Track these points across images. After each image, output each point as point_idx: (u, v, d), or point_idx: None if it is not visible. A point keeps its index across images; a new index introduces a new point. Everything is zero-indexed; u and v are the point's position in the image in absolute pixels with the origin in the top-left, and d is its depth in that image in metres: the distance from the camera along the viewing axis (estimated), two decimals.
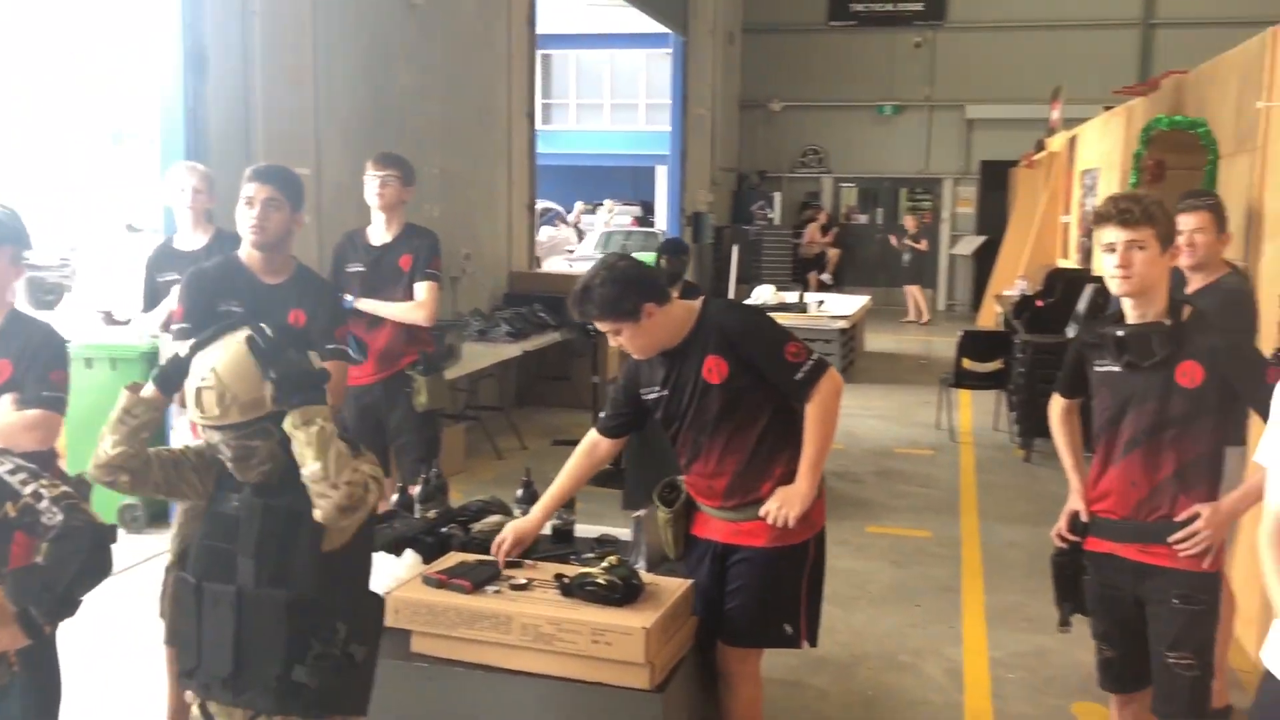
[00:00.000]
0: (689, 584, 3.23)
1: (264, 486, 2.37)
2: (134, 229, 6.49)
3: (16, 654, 2.45)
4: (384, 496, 4.09)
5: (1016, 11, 18.65)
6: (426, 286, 4.78)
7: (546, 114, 28.20)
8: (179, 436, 3.91)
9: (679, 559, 3.42)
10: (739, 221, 19.44)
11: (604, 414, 3.51)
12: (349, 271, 4.81)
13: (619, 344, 3.22)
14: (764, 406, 3.17)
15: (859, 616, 5.13)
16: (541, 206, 21.20)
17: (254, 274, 3.63)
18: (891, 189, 20.35)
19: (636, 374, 3.32)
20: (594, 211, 25.46)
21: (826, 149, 20.23)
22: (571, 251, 20.47)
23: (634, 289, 3.08)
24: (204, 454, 2.48)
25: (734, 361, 3.11)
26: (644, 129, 26.57)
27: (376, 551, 3.37)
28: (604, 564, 3.13)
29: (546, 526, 3.90)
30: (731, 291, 11.53)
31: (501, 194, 10.16)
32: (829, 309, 12.01)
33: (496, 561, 3.26)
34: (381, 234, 4.83)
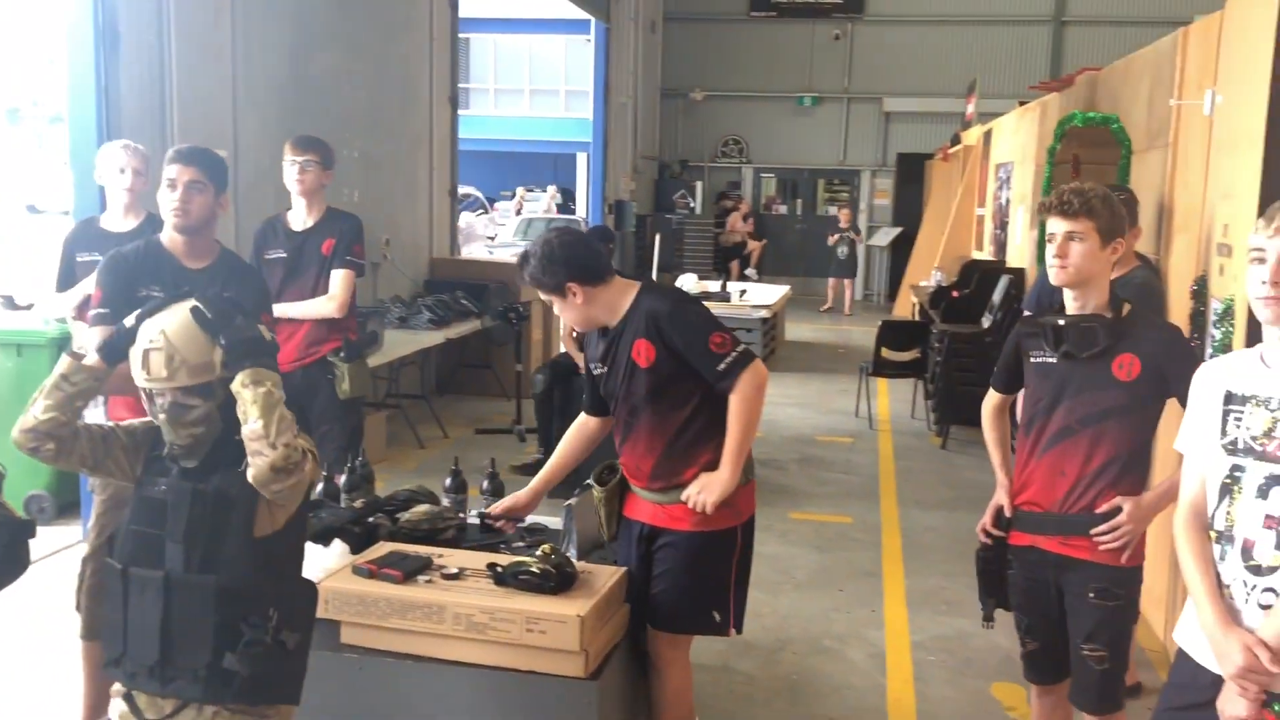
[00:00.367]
0: (622, 572, 3.24)
1: (193, 470, 2.30)
2: (35, 210, 6.26)
3: None
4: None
5: (933, 6, 18.97)
6: (341, 276, 4.70)
7: (465, 98, 27.88)
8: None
9: (612, 539, 3.44)
10: (661, 210, 19.49)
11: (584, 395, 3.55)
12: (270, 258, 4.70)
13: (559, 314, 3.31)
14: (692, 393, 3.18)
15: (784, 601, 5.20)
16: (462, 192, 21.05)
17: (176, 258, 3.53)
18: (810, 180, 20.57)
19: (588, 350, 3.39)
20: (513, 197, 25.34)
21: (747, 139, 20.37)
22: (493, 238, 20.32)
23: (561, 267, 3.13)
24: (135, 434, 2.41)
25: (661, 347, 3.13)
26: (564, 116, 26.48)
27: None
28: (538, 552, 3.13)
29: (473, 515, 3.92)
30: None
31: (423, 179, 10.03)
32: (751, 298, 12.12)
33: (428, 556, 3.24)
34: (302, 219, 4.74)
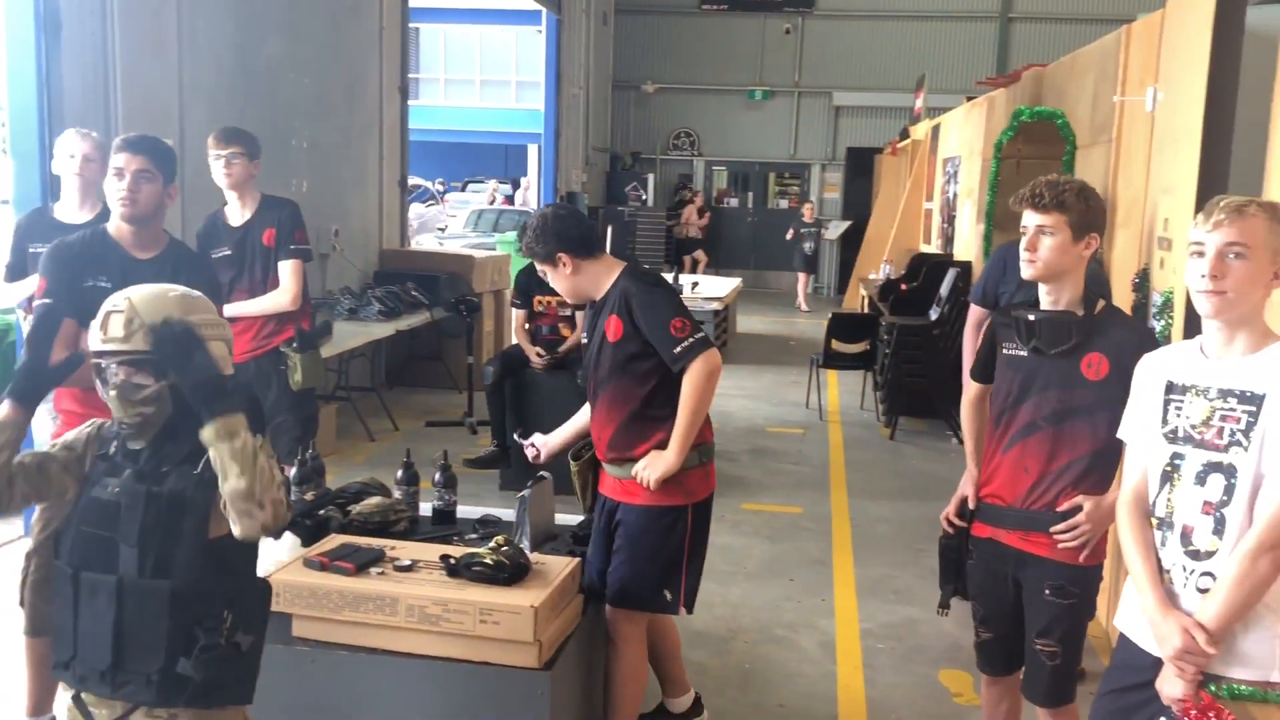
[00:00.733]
0: (576, 562, 3.26)
1: (146, 472, 2.25)
2: None
3: None
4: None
5: (882, 2, 19.12)
6: (290, 267, 4.67)
7: (414, 89, 27.69)
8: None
9: (589, 511, 3.62)
10: (613, 202, 19.46)
11: (580, 371, 3.75)
12: (217, 257, 4.63)
13: (550, 282, 3.50)
14: (652, 373, 3.32)
15: (735, 591, 5.24)
16: (412, 183, 20.90)
17: (123, 248, 3.48)
18: (761, 173, 20.67)
19: (586, 322, 3.59)
20: (463, 189, 25.21)
21: (698, 132, 20.41)
22: (442, 229, 20.21)
23: (553, 237, 3.34)
24: (73, 445, 2.34)
25: (628, 324, 3.29)
26: (515, 107, 26.39)
27: None
28: (490, 544, 3.13)
29: (426, 508, 3.92)
30: None
31: (373, 170, 9.94)
32: (702, 291, 12.17)
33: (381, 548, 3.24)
34: (239, 213, 4.69)
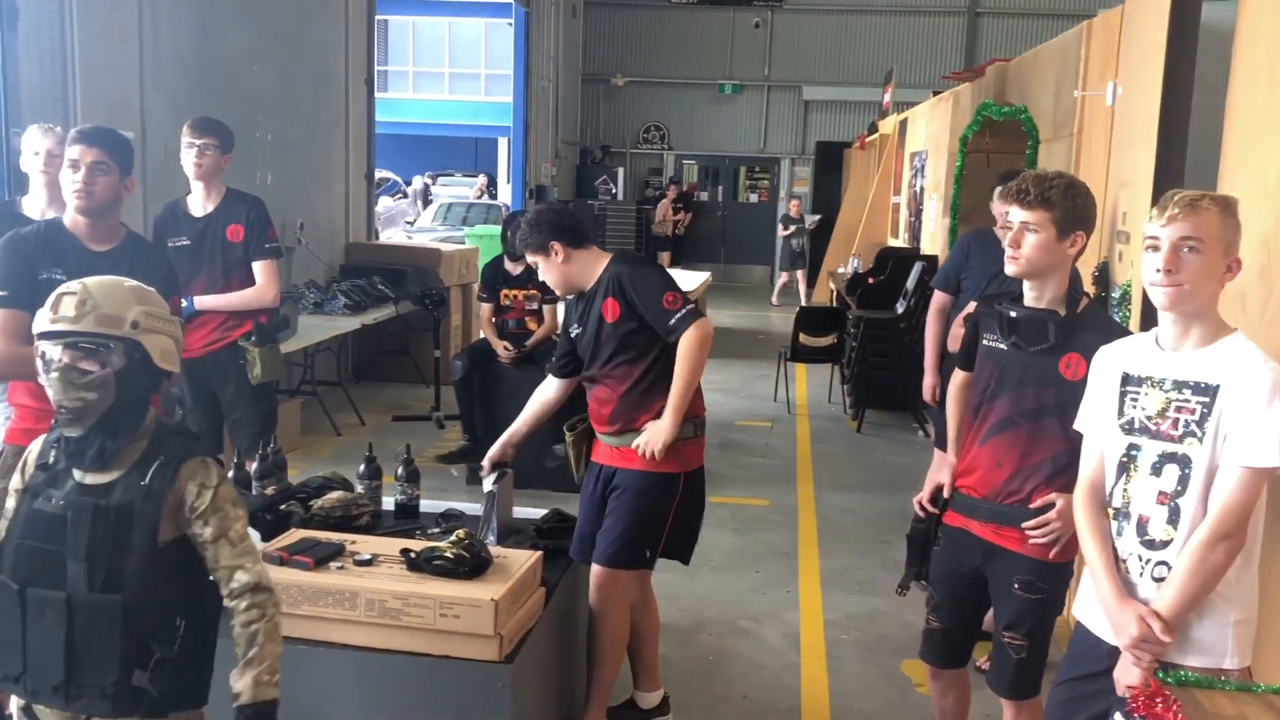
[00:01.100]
0: (537, 556, 3.25)
1: (93, 487, 2.17)
2: None
3: None
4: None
5: None
6: (265, 266, 4.65)
7: (383, 81, 27.51)
8: None
9: (581, 478, 3.82)
10: (583, 196, 19.43)
11: (554, 357, 3.91)
12: (174, 246, 4.56)
13: (542, 276, 3.70)
14: (650, 348, 3.55)
15: (701, 584, 5.25)
16: (380, 176, 20.78)
17: (79, 240, 3.44)
18: (731, 167, 20.71)
19: (568, 315, 3.78)
20: (433, 182, 25.08)
21: (668, 126, 20.42)
22: (411, 223, 20.12)
23: (547, 227, 3.57)
24: (4, 456, 2.29)
25: (624, 304, 3.50)
26: (485, 100, 26.27)
27: None
28: (451, 538, 3.12)
29: (389, 502, 3.91)
30: None
31: (339, 163, 9.88)
32: None
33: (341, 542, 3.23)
34: (202, 204, 4.63)
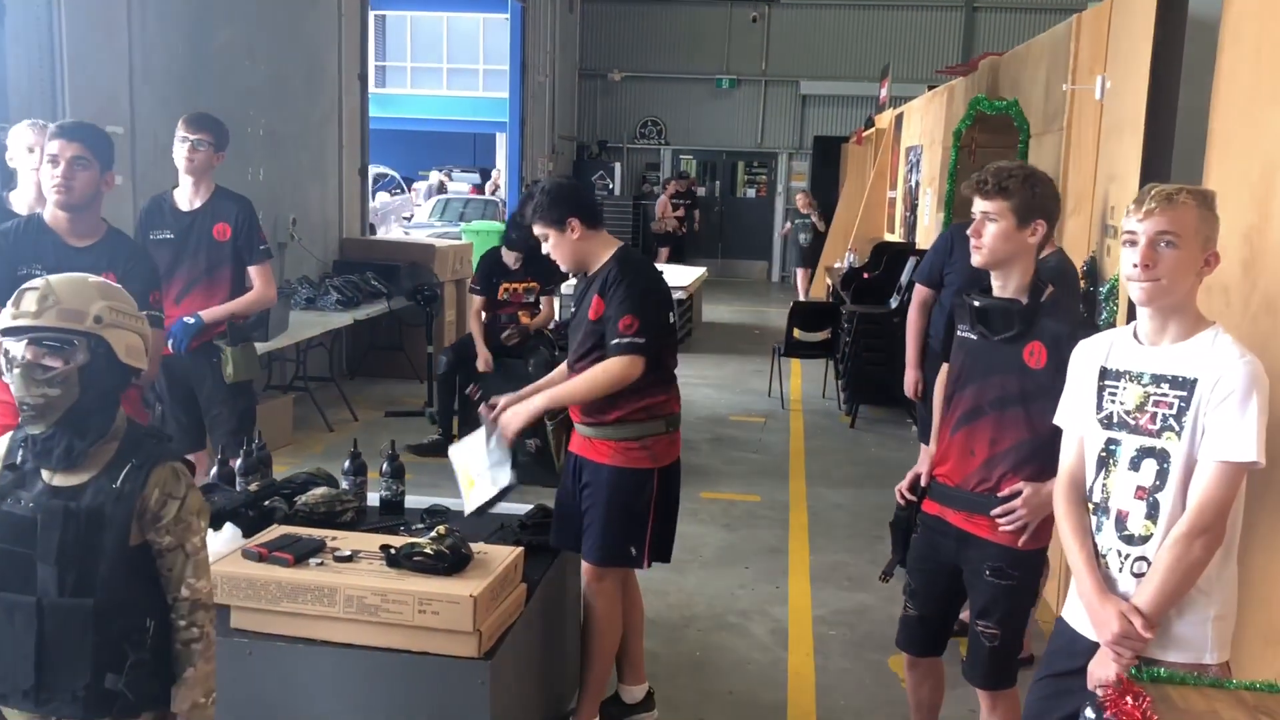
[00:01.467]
0: (518, 552, 3.25)
1: (63, 489, 2.15)
2: None
3: None
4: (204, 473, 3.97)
5: None
6: (262, 270, 4.67)
7: (381, 77, 27.48)
8: None
9: (560, 468, 3.83)
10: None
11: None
12: (156, 239, 4.55)
13: (548, 251, 3.65)
14: None
15: (690, 580, 5.24)
16: (378, 172, 20.76)
17: (59, 236, 3.43)
18: (729, 162, 20.67)
19: (574, 300, 3.78)
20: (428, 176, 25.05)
21: (665, 120, 20.39)
22: (408, 218, 20.10)
23: (568, 203, 3.56)
24: None
25: (604, 305, 3.52)
26: (483, 95, 26.23)
27: None
28: (431, 534, 3.11)
29: (374, 498, 3.91)
30: None
31: (332, 158, 9.85)
32: (668, 280, 12.13)
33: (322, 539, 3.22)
34: (189, 199, 4.61)
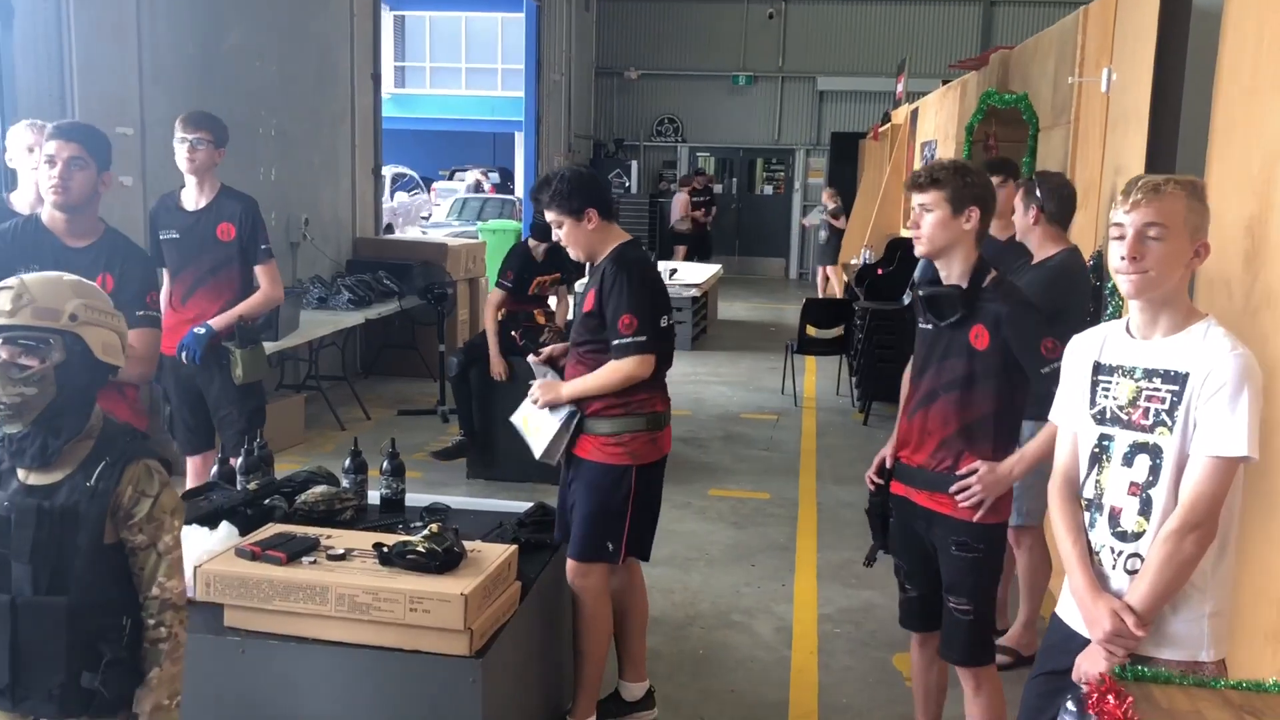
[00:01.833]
0: (512, 550, 3.24)
1: (37, 488, 2.15)
2: None
3: None
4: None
5: None
6: (267, 269, 4.69)
7: (401, 77, 27.59)
8: None
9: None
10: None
11: None
12: (164, 239, 4.61)
13: (558, 237, 3.67)
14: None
15: (695, 577, 5.23)
16: (396, 172, 20.83)
17: (57, 237, 3.45)
18: (746, 159, 20.61)
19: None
20: (450, 177, 25.11)
21: (682, 118, 20.35)
22: (426, 218, 20.16)
23: (589, 192, 3.58)
24: None
25: (598, 299, 3.54)
26: (502, 94, 26.28)
27: (188, 525, 3.29)
28: (424, 532, 3.11)
29: (375, 496, 3.90)
30: None
31: (344, 158, 9.88)
32: (681, 278, 12.14)
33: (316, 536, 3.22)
34: (194, 198, 4.64)
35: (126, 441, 2.23)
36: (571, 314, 3.89)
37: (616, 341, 3.50)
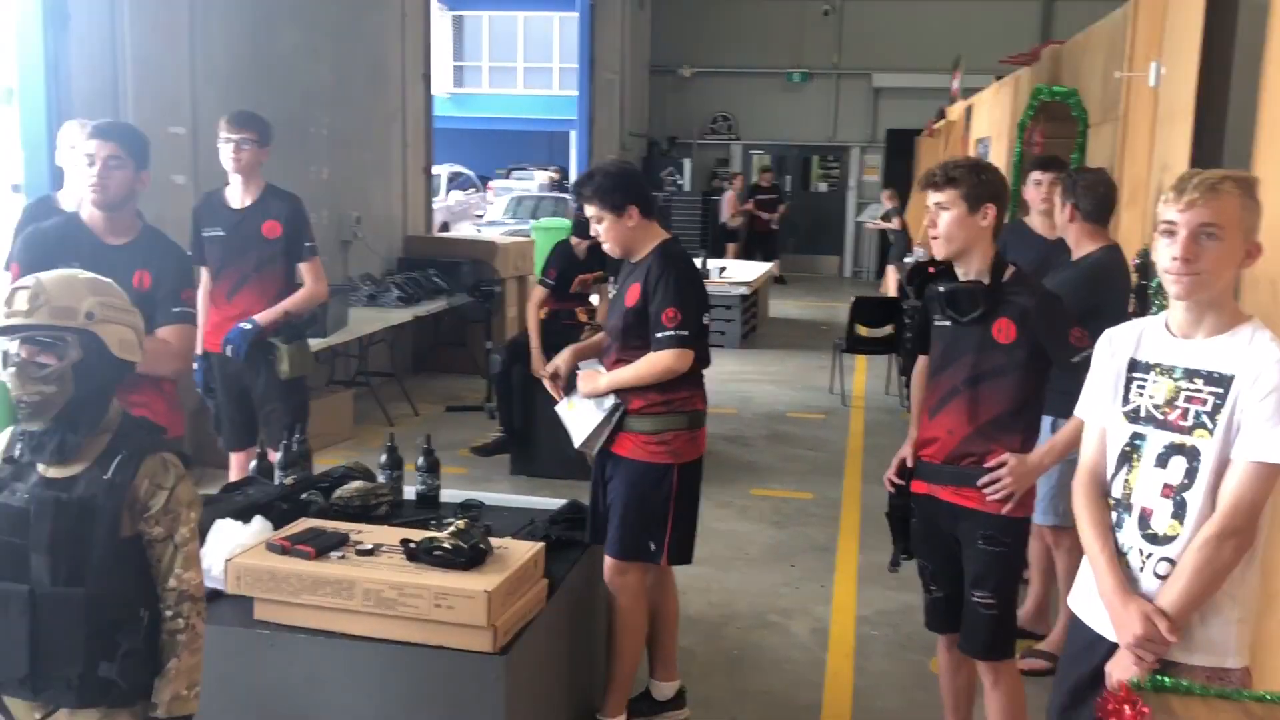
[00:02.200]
0: (539, 547, 3.24)
1: (56, 481, 2.19)
2: (18, 189, 6.23)
3: None
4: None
5: None
6: (312, 266, 4.74)
7: (459, 77, 27.76)
8: None
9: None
10: (649, 187, 19.25)
11: None
12: (208, 236, 4.68)
13: (597, 232, 3.67)
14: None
15: (734, 577, 5.20)
16: (453, 170, 20.98)
17: (95, 235, 3.51)
18: (800, 156, 20.47)
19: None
20: (507, 176, 25.24)
21: (736, 116, 20.26)
22: (480, 216, 20.28)
23: (631, 189, 3.60)
24: None
25: (643, 296, 3.55)
26: (558, 93, 26.35)
27: (222, 519, 3.34)
28: (451, 528, 3.12)
29: (410, 492, 3.93)
30: None
31: (395, 156, 9.98)
32: (731, 276, 12.09)
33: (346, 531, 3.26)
34: (240, 196, 4.70)
35: (143, 435, 2.27)
36: (609, 307, 3.83)
37: (659, 334, 3.51)
